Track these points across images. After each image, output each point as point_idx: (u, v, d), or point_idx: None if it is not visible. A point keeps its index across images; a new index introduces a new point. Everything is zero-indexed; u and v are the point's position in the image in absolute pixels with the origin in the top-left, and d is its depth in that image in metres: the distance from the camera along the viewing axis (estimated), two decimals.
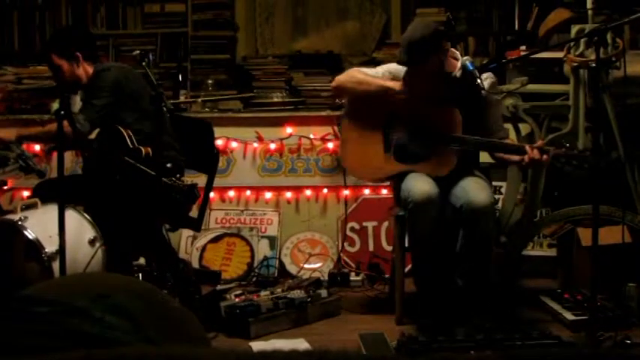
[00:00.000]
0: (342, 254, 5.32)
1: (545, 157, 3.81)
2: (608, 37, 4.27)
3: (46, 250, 3.70)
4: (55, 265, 3.62)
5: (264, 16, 6.45)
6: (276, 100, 5.81)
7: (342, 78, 4.26)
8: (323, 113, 5.33)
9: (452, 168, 4.01)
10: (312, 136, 5.50)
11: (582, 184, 4.41)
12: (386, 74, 4.22)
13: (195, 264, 5.15)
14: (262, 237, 5.42)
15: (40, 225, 3.78)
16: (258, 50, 6.42)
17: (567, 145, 3.85)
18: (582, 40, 4.37)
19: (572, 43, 4.44)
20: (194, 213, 4.35)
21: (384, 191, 5.30)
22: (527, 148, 3.85)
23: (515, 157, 3.94)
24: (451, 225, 4.06)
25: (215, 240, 5.31)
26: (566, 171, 4.49)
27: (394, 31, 6.27)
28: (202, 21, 6.11)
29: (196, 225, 4.39)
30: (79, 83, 4.20)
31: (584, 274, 4.44)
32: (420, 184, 3.93)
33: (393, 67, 4.22)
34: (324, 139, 5.48)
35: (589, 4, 4.58)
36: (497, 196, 4.98)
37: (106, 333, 0.78)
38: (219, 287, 4.51)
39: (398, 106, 4.13)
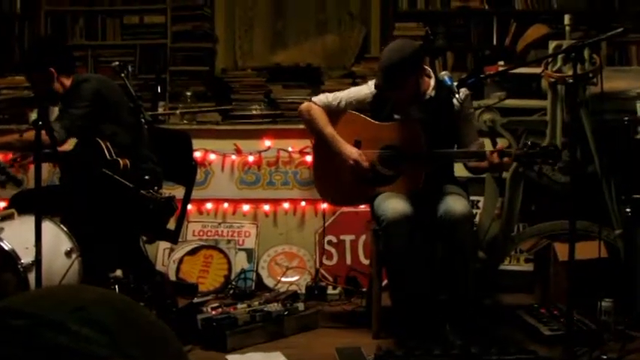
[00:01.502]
0: (319, 268, 5.31)
1: (506, 159, 3.84)
2: (586, 53, 4.31)
3: (22, 261, 3.66)
4: (31, 277, 3.58)
5: (243, 29, 6.46)
6: (254, 112, 5.81)
7: (303, 109, 4.29)
8: (301, 126, 5.27)
9: (420, 183, 4.03)
10: (290, 149, 5.50)
11: (559, 199, 4.44)
12: (350, 102, 4.23)
13: (172, 276, 5.12)
14: (240, 249, 5.40)
15: (17, 236, 3.75)
16: (237, 63, 6.42)
17: (529, 143, 3.86)
18: (560, 56, 4.41)
19: (549, 59, 4.47)
20: (171, 225, 4.32)
21: (362, 205, 5.31)
22: (487, 152, 3.89)
23: (483, 164, 3.97)
24: (432, 239, 4.08)
25: (192, 252, 5.28)
26: (543, 183, 4.52)
27: (373, 45, 6.29)
28: (182, 33, 6.11)
29: (173, 237, 4.37)
30: (55, 96, 4.17)
31: (560, 289, 4.46)
32: (392, 203, 3.95)
33: (361, 93, 4.24)
34: (302, 152, 5.48)
35: (566, 21, 4.62)
36: (474, 211, 5.00)
37: (83, 347, 0.77)
38: (196, 300, 4.48)
39: (362, 132, 4.17)
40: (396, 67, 3.92)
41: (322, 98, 4.28)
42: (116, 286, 4.04)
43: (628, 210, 4.37)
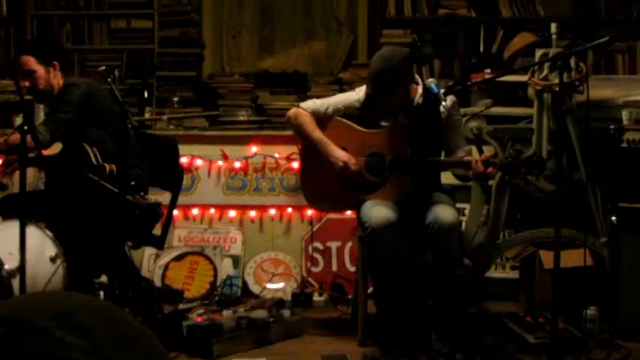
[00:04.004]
0: (305, 274, 5.30)
1: (490, 169, 3.85)
2: (572, 61, 4.33)
3: (6, 266, 3.64)
4: (15, 283, 3.56)
5: (230, 35, 6.47)
6: (241, 118, 5.81)
7: (291, 114, 4.29)
8: (288, 132, 5.27)
9: (407, 191, 4.03)
10: (277, 156, 5.49)
11: (545, 206, 4.45)
12: (338, 108, 4.23)
13: (158, 282, 5.10)
14: (226, 256, 5.38)
15: (1, 241, 3.73)
16: (225, 68, 6.43)
17: (514, 152, 3.87)
18: (546, 64, 4.43)
19: (536, 67, 4.49)
20: (157, 231, 4.31)
21: (348, 212, 5.30)
22: (472, 161, 3.89)
23: (468, 172, 3.99)
24: (419, 246, 4.08)
25: (178, 258, 5.27)
26: (529, 191, 4.53)
27: (360, 51, 6.31)
28: (169, 38, 6.10)
29: (159, 243, 4.35)
30: (50, 93, 4.14)
31: (546, 297, 4.46)
32: (377, 210, 3.95)
33: (349, 100, 4.24)
34: (289, 159, 5.47)
35: (553, 29, 4.64)
36: (460, 218, 5.00)
37: (67, 353, 0.76)
38: (181, 306, 4.47)
39: (349, 139, 4.16)
40: (385, 74, 3.93)
41: (310, 104, 4.28)
42: (101, 292, 4.03)
43: (613, 218, 4.39)
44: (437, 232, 3.87)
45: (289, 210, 5.53)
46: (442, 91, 3.93)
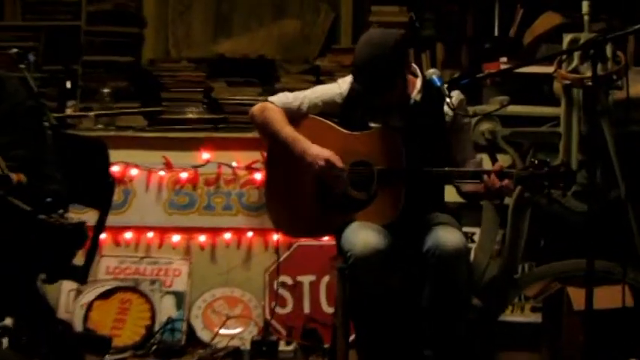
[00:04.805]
0: (269, 317, 5.28)
1: (506, 181, 3.83)
2: (608, 49, 4.33)
3: None
4: None
5: (178, 10, 6.49)
6: (190, 116, 5.80)
7: (255, 109, 4.25)
8: (249, 135, 5.26)
9: (399, 209, 4.01)
10: (234, 164, 5.49)
11: (575, 231, 4.45)
12: (315, 104, 4.21)
13: (79, 326, 5.08)
14: (167, 293, 5.38)
15: None
16: (170, 52, 6.44)
17: (535, 161, 3.85)
18: (576, 53, 4.43)
19: (564, 56, 4.49)
20: (79, 260, 4.26)
21: (326, 237, 5.29)
22: (484, 174, 3.87)
23: (479, 187, 3.97)
24: (416, 280, 4.06)
25: (105, 295, 5.26)
26: (554, 212, 4.53)
27: (344, 33, 6.32)
28: (100, 13, 6.10)
29: (81, 275, 4.30)
30: None
31: (575, 346, 4.46)
32: (362, 235, 3.91)
33: (329, 94, 4.22)
34: (250, 168, 5.47)
35: (585, 9, 4.64)
36: (469, 246, 4.99)
37: None
38: (108, 357, 4.44)
39: (328, 144, 4.13)
40: (381, 63, 3.88)
41: (281, 98, 4.25)
42: (5, 339, 3.98)
43: None
44: (438, 260, 3.85)
45: (249, 234, 5.53)
46: (446, 85, 3.92)
